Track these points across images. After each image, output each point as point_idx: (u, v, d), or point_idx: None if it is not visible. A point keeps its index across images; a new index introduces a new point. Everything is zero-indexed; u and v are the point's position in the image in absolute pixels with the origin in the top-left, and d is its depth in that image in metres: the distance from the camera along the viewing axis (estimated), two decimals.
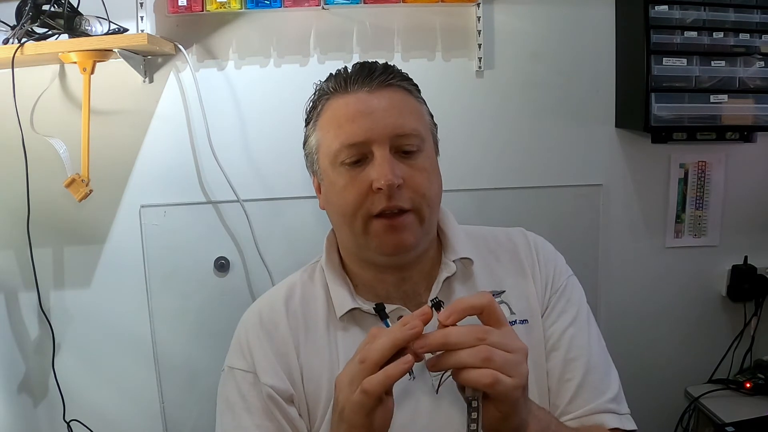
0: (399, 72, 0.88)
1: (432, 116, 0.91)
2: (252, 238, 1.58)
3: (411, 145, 0.83)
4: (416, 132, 0.83)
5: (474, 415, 0.64)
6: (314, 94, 0.90)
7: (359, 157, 0.82)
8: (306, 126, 0.91)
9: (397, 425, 0.80)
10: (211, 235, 1.60)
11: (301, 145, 0.92)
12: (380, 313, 0.83)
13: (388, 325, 0.64)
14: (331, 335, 0.87)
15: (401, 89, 0.86)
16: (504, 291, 0.90)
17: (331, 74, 0.89)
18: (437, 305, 0.68)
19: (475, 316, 0.66)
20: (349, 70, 0.87)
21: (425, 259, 0.89)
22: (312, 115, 0.89)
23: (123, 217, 1.58)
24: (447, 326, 0.64)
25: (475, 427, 0.64)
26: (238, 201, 1.56)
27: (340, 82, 0.85)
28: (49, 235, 1.55)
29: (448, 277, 0.88)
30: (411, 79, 0.89)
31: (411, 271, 0.88)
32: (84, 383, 1.61)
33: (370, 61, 0.89)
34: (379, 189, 0.79)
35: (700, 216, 1.71)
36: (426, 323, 0.65)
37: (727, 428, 1.48)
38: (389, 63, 0.88)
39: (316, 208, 1.57)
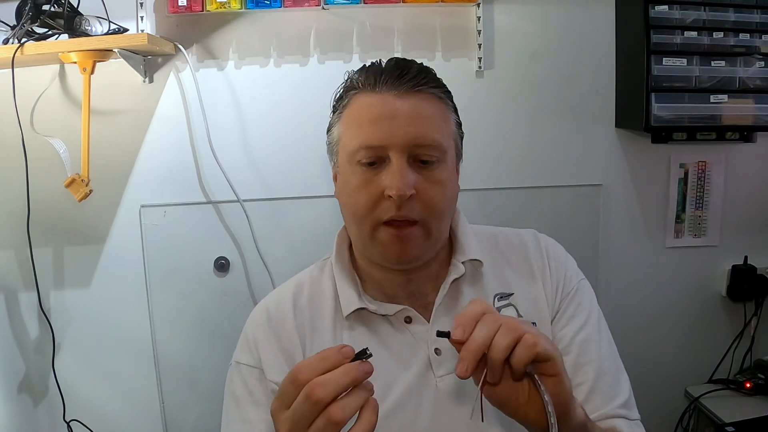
0: (433, 77, 0.84)
1: (460, 124, 0.88)
2: (252, 238, 1.57)
3: (429, 156, 0.80)
4: (436, 143, 0.81)
5: (543, 386, 0.64)
6: (345, 82, 0.87)
7: (376, 159, 0.80)
8: (332, 113, 0.89)
9: (398, 426, 0.80)
10: (211, 235, 1.60)
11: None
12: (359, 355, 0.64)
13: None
14: (337, 333, 0.87)
15: (431, 96, 0.83)
16: (513, 293, 0.89)
17: (364, 66, 0.86)
18: (443, 335, 0.65)
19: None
20: (383, 65, 0.84)
21: (432, 262, 0.89)
22: (339, 105, 0.86)
23: (123, 217, 1.59)
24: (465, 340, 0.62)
25: (548, 398, 0.64)
26: (238, 201, 1.56)
27: (370, 78, 0.82)
28: (49, 235, 1.55)
29: (456, 279, 0.87)
30: (444, 86, 0.86)
31: (417, 274, 0.88)
32: (84, 383, 1.61)
33: (407, 59, 0.85)
34: (390, 197, 0.78)
35: (700, 216, 1.71)
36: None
37: (727, 428, 1.48)
38: (424, 65, 0.85)
39: (317, 208, 1.59)
